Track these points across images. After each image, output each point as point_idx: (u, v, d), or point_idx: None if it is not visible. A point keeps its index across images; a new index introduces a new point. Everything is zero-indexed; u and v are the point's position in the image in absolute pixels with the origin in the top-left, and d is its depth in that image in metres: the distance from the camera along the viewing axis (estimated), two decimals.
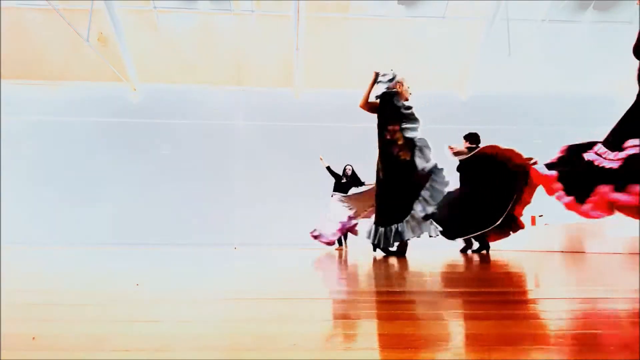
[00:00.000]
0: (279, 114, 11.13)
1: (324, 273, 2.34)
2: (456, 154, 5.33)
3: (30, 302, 1.15)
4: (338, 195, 7.37)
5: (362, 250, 6.94)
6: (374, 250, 5.56)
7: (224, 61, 10.66)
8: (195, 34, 10.40)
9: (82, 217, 10.19)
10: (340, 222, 7.18)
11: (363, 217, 6.98)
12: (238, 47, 10.41)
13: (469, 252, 5.54)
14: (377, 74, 4.45)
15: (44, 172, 10.49)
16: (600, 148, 1.71)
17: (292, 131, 11.06)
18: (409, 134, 4.25)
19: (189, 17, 10.22)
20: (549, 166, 1.85)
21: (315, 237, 7.43)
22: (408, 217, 4.13)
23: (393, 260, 3.41)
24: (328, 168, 7.82)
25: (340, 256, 4.64)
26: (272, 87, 11.16)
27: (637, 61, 1.71)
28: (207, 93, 11.09)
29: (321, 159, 7.92)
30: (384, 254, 4.41)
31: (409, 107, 4.34)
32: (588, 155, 1.73)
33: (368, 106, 4.46)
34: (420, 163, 4.18)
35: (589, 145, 1.79)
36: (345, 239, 7.64)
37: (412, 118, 4.31)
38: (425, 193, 4.17)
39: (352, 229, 7.32)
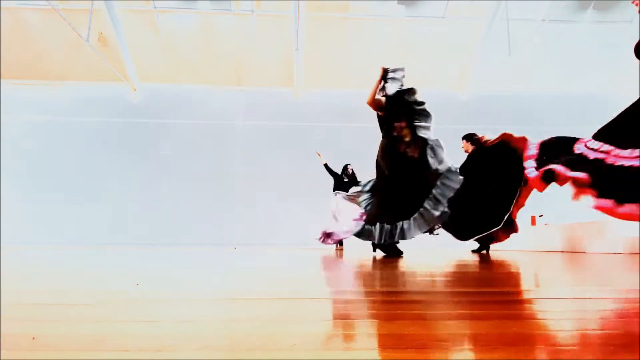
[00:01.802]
0: (279, 114, 11.13)
1: (324, 273, 2.33)
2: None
3: (30, 302, 1.15)
4: (342, 193, 7.23)
5: (360, 250, 6.93)
6: (374, 250, 5.49)
7: (224, 61, 10.66)
8: (195, 34, 10.40)
9: (82, 217, 10.19)
10: (354, 220, 7.08)
11: None
12: (238, 47, 10.41)
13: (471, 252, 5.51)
14: (385, 70, 4.18)
15: (44, 172, 10.48)
16: (592, 142, 1.59)
17: (292, 131, 11.06)
18: (421, 133, 4.11)
19: (189, 17, 10.22)
20: (539, 165, 1.72)
21: (328, 236, 7.23)
22: (416, 215, 4.01)
23: (393, 260, 3.41)
24: (326, 165, 7.58)
25: (340, 256, 4.63)
26: (272, 87, 11.16)
27: (638, 61, 1.67)
28: (207, 93, 11.09)
29: (319, 154, 7.79)
30: (384, 254, 4.37)
31: (422, 103, 4.16)
32: (579, 148, 1.60)
33: (375, 103, 4.18)
34: (433, 163, 4.05)
35: (572, 140, 1.68)
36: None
37: (424, 114, 4.14)
38: (436, 191, 4.03)
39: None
